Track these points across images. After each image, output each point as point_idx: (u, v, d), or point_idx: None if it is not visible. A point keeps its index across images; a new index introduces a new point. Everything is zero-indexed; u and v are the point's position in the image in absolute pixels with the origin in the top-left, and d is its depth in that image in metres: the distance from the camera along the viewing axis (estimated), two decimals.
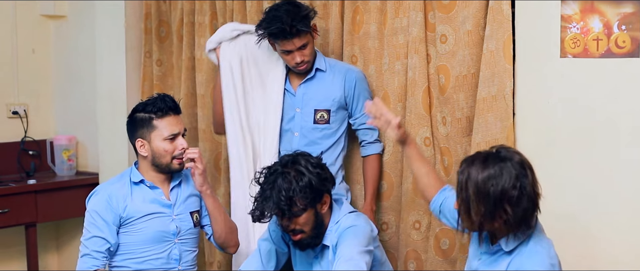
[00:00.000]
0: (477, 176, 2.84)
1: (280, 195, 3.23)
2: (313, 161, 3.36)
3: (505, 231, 2.91)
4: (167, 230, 3.72)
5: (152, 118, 3.68)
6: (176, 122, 3.72)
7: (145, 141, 3.71)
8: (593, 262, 3.51)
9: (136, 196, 3.71)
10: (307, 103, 4.10)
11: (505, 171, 2.83)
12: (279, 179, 3.27)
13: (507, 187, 2.81)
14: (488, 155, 2.90)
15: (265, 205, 3.26)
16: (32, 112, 5.89)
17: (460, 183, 2.90)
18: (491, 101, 3.70)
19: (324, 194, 3.37)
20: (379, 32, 4.20)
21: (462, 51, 3.84)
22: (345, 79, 4.07)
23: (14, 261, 5.80)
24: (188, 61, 5.07)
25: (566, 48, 3.51)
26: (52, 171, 5.84)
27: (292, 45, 3.94)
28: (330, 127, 4.10)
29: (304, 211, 3.29)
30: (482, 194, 2.82)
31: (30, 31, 5.88)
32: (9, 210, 5.22)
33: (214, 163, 5.02)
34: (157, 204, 3.73)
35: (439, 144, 4.01)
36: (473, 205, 2.84)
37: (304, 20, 3.92)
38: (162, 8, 5.26)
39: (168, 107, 3.69)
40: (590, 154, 3.50)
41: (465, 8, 3.83)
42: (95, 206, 3.69)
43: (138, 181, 3.74)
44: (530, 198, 2.85)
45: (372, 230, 3.42)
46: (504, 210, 2.82)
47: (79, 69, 5.86)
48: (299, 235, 3.35)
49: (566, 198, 3.54)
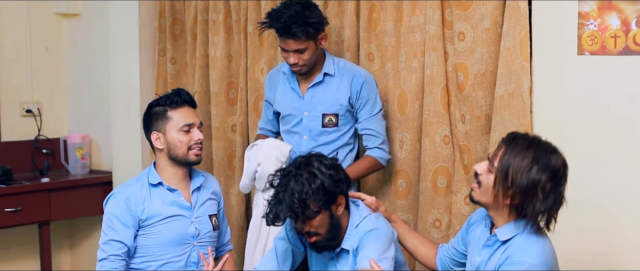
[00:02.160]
0: (527, 149, 2.86)
1: (293, 198, 3.19)
2: (327, 163, 3.30)
3: (514, 217, 2.92)
4: (186, 233, 3.68)
5: (167, 110, 3.64)
6: (191, 114, 3.68)
7: (160, 134, 3.65)
8: (610, 260, 3.50)
9: (155, 198, 3.66)
10: (315, 107, 4.07)
11: (553, 159, 2.86)
12: (292, 181, 3.22)
13: (548, 175, 2.83)
14: (540, 139, 2.94)
15: (279, 208, 3.22)
16: (45, 111, 5.89)
17: (506, 151, 2.89)
18: (508, 98, 3.69)
19: (338, 195, 3.31)
20: (396, 30, 4.19)
21: (480, 49, 3.82)
22: (351, 82, 4.03)
23: (27, 260, 5.80)
24: (202, 59, 5.07)
25: (583, 45, 3.49)
26: (66, 170, 5.84)
27: (289, 45, 3.90)
28: (340, 130, 4.07)
29: (318, 214, 3.24)
30: (525, 167, 2.83)
31: (44, 30, 5.88)
32: (22, 208, 5.21)
33: (227, 161, 5.02)
34: (177, 206, 3.68)
35: (458, 142, 4.00)
36: (512, 172, 2.83)
37: (307, 26, 3.85)
38: (176, 6, 5.26)
39: (183, 100, 3.66)
40: (607, 152, 3.48)
41: (482, 6, 3.82)
42: (113, 209, 3.64)
43: (156, 183, 3.69)
44: (558, 197, 2.88)
45: (393, 233, 3.39)
46: (536, 193, 2.83)
47: (92, 67, 5.86)
48: (314, 237, 3.31)
49: (583, 196, 3.52)
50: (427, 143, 4.04)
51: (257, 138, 4.30)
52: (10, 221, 5.21)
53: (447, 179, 4.04)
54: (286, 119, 4.18)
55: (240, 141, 4.87)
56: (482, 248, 3.05)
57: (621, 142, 3.45)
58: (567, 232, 3.56)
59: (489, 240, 3.02)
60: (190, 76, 5.23)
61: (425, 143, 4.05)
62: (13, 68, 5.69)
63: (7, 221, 5.19)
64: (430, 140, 4.03)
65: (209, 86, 5.06)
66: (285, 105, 4.17)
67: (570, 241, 3.56)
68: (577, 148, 3.53)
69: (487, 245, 3.02)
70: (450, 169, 4.02)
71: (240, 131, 4.87)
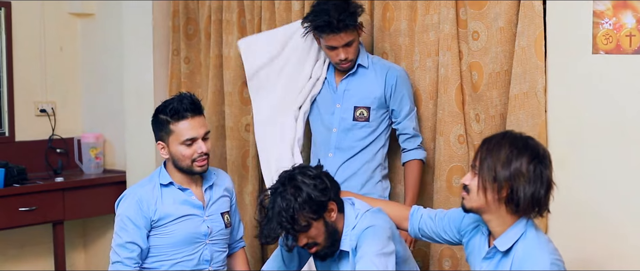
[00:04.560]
0: (502, 140, 2.89)
1: (281, 215, 3.17)
2: (310, 173, 3.27)
3: (511, 217, 2.90)
4: (198, 232, 3.69)
5: (169, 122, 3.58)
6: (194, 126, 3.59)
7: (164, 144, 3.64)
8: (623, 261, 3.48)
9: (166, 198, 3.66)
10: (347, 99, 4.07)
11: (531, 146, 2.88)
12: (278, 198, 3.21)
13: (530, 159, 2.84)
14: (515, 133, 2.95)
15: (269, 227, 3.21)
16: (59, 110, 5.91)
17: (484, 148, 2.91)
18: (523, 98, 3.68)
19: (328, 202, 3.29)
20: (410, 29, 4.19)
21: (495, 48, 3.82)
22: (386, 77, 4.03)
23: (41, 259, 5.82)
24: (216, 58, 5.07)
25: (598, 44, 3.47)
26: (80, 169, 5.85)
27: (339, 40, 3.91)
28: (370, 126, 4.06)
29: (309, 226, 3.22)
30: (505, 157, 2.84)
31: (58, 29, 5.89)
32: (36, 208, 5.23)
33: (241, 161, 5.02)
34: (188, 205, 3.68)
35: (472, 142, 3.99)
36: (493, 165, 2.85)
37: (352, 16, 3.89)
38: (189, 6, 5.27)
39: (185, 109, 3.57)
40: (622, 151, 3.46)
41: (497, 5, 3.81)
42: (125, 210, 3.64)
43: (167, 183, 3.69)
44: (546, 181, 2.87)
45: (390, 227, 3.37)
46: (522, 177, 2.83)
47: (106, 67, 5.87)
48: (314, 248, 3.30)
49: (597, 196, 3.52)
50: (442, 142, 4.03)
51: None
52: (25, 221, 5.23)
53: (461, 178, 4.03)
54: (318, 112, 4.20)
55: (253, 140, 4.86)
56: (482, 260, 3.02)
57: (637, 141, 3.42)
58: (581, 231, 3.57)
59: (488, 253, 2.99)
60: (204, 76, 5.23)
61: (440, 143, 4.04)
62: (27, 68, 5.71)
63: (22, 220, 5.21)
64: (445, 139, 4.02)
65: (223, 86, 5.06)
66: (318, 96, 4.20)
67: (584, 241, 3.56)
68: (592, 147, 3.52)
69: (488, 257, 2.99)
70: (465, 168, 4.01)
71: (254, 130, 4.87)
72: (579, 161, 3.55)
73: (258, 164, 4.80)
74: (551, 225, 3.64)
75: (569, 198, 3.57)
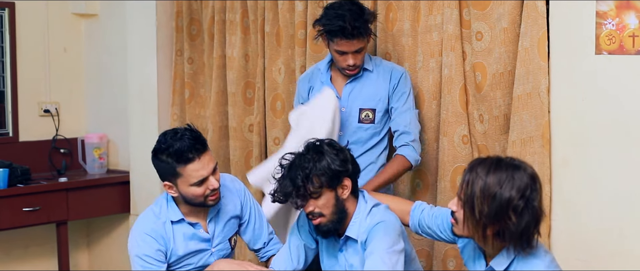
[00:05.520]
0: (487, 174, 2.78)
1: (297, 172, 3.20)
2: (336, 146, 3.31)
3: (501, 244, 2.84)
4: (206, 263, 3.58)
5: (175, 167, 3.33)
6: (203, 165, 3.35)
7: (172, 184, 3.41)
8: (627, 261, 3.48)
9: (177, 236, 3.50)
10: (352, 102, 4.05)
11: (517, 178, 2.76)
12: (298, 159, 3.24)
13: (515, 195, 2.73)
14: (500, 159, 2.84)
15: (283, 182, 3.23)
16: (63, 111, 5.92)
17: (467, 181, 2.81)
18: (526, 98, 3.68)
19: (344, 177, 3.29)
20: (413, 30, 4.19)
21: (498, 49, 3.82)
22: (390, 76, 4.02)
23: (45, 259, 5.83)
24: (219, 59, 5.08)
25: (601, 45, 3.48)
26: (83, 169, 5.86)
27: (350, 46, 3.87)
28: (376, 128, 4.04)
29: (320, 191, 3.23)
30: (489, 192, 2.75)
31: (62, 30, 5.91)
32: (40, 208, 5.24)
33: (244, 161, 5.03)
34: (196, 240, 3.55)
35: (476, 142, 3.99)
36: (477, 202, 2.77)
37: (366, 23, 3.86)
38: (193, 6, 5.28)
39: (189, 150, 3.31)
40: (625, 151, 3.46)
41: (500, 5, 3.81)
42: (141, 249, 3.42)
43: (178, 219, 3.50)
44: (535, 213, 2.77)
45: (401, 225, 3.37)
46: (508, 217, 2.74)
47: (110, 67, 5.88)
48: (318, 219, 3.30)
49: (600, 196, 3.52)
50: (445, 142, 4.03)
51: None
52: (29, 221, 5.25)
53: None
54: None
55: (257, 141, 4.88)
56: None
57: (639, 141, 3.43)
58: (584, 232, 3.56)
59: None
60: (208, 76, 5.24)
61: (444, 143, 4.05)
62: (31, 68, 5.73)
63: (26, 220, 5.23)
64: (449, 140, 4.02)
65: (226, 86, 5.07)
66: None
67: (587, 241, 3.56)
68: (595, 147, 3.53)
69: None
70: None
71: (258, 131, 4.88)
72: (582, 161, 3.55)
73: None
74: (554, 225, 3.64)
75: (571, 198, 3.58)
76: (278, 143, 4.78)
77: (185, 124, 3.46)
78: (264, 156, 4.90)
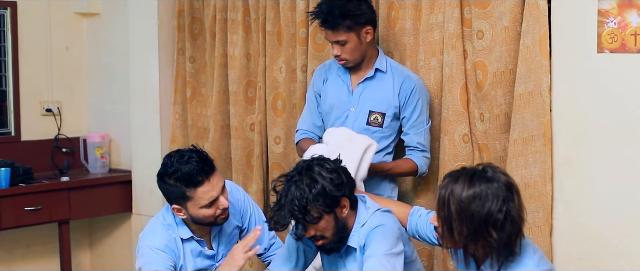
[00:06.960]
0: (461, 193, 2.76)
1: (293, 204, 3.15)
2: (328, 166, 3.25)
3: (487, 255, 2.84)
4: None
5: (184, 191, 3.32)
6: (212, 186, 3.35)
7: (181, 207, 3.40)
8: (629, 261, 3.47)
9: (187, 252, 3.51)
10: (363, 103, 4.01)
11: (491, 193, 2.74)
12: (293, 187, 3.18)
13: (493, 210, 2.72)
14: (474, 173, 2.81)
15: (280, 214, 3.19)
16: (65, 110, 5.91)
17: (442, 199, 2.81)
18: (528, 97, 3.67)
19: (341, 198, 3.26)
20: (414, 28, 4.19)
21: (500, 47, 3.81)
22: (402, 85, 3.97)
23: (47, 258, 5.83)
24: (221, 58, 5.08)
25: (603, 43, 3.47)
26: (85, 169, 5.85)
27: (331, 36, 3.89)
28: (383, 132, 4.00)
29: (320, 219, 3.20)
30: (465, 214, 2.74)
31: (64, 29, 5.90)
32: (42, 207, 5.24)
33: (246, 160, 5.02)
34: (202, 257, 3.56)
35: (477, 141, 3.99)
36: (455, 225, 2.76)
37: (343, 18, 3.82)
38: (194, 5, 5.28)
39: (197, 173, 3.31)
40: (627, 150, 3.46)
41: (501, 4, 3.81)
42: (156, 266, 3.38)
43: (188, 237, 3.50)
44: (515, 223, 2.76)
45: (400, 228, 3.36)
46: (489, 233, 2.73)
47: (112, 66, 5.88)
48: (320, 241, 3.29)
49: (602, 195, 3.51)
50: (446, 141, 4.02)
51: (303, 143, 4.12)
52: (31, 220, 5.25)
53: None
54: (331, 113, 4.10)
55: (258, 140, 4.87)
56: None
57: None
58: (586, 231, 3.56)
59: None
60: (209, 75, 5.24)
61: (444, 142, 4.04)
62: (33, 67, 5.72)
63: (27, 220, 5.22)
64: (450, 139, 4.01)
65: (228, 85, 5.07)
66: (333, 97, 4.09)
67: (589, 240, 3.55)
68: (596, 145, 3.52)
69: None
70: None
71: (259, 130, 4.87)
72: (583, 160, 3.55)
73: (262, 163, 4.83)
74: (555, 224, 3.64)
75: (573, 197, 3.57)
76: (279, 141, 4.78)
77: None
78: (265, 155, 4.90)
